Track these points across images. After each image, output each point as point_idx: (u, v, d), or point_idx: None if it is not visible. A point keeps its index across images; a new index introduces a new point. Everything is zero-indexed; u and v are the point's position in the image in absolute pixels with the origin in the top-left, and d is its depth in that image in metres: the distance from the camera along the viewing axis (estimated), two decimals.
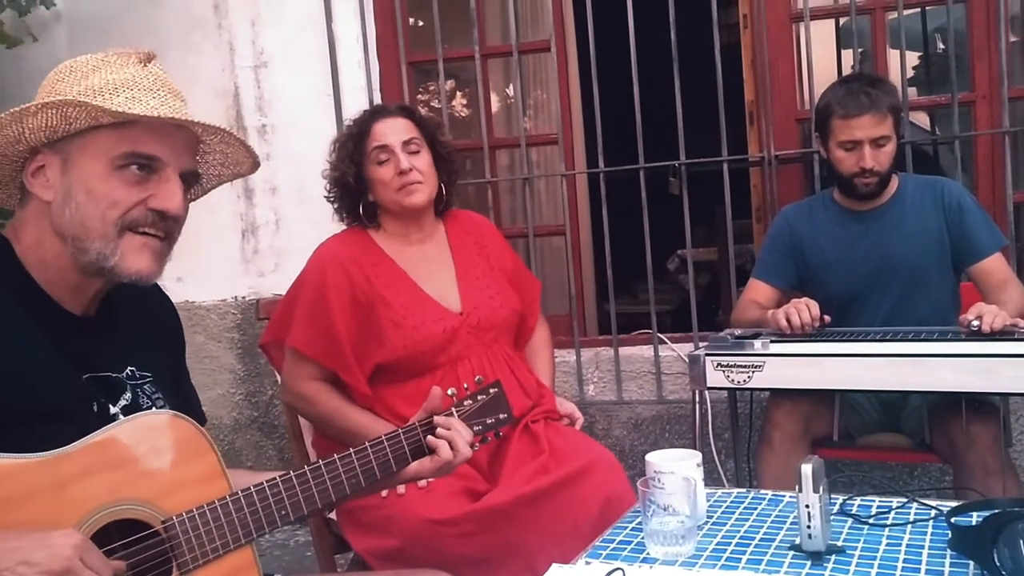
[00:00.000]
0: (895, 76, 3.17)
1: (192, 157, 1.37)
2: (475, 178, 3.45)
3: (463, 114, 4.43)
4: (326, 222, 3.36)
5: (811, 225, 2.59)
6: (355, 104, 3.42)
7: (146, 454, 1.23)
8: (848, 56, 4.52)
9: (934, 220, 2.47)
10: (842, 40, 4.26)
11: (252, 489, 1.31)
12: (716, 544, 1.51)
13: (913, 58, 4.60)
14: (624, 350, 3.31)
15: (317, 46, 3.45)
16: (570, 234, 3.38)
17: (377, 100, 3.44)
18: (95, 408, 1.28)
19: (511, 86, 3.92)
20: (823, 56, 4.01)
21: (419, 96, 3.73)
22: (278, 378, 2.28)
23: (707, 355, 2.32)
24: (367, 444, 1.47)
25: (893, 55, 3.20)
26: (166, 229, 1.31)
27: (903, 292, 2.47)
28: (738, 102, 3.29)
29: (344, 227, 2.30)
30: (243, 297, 3.62)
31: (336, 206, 2.27)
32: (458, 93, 4.54)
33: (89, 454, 1.18)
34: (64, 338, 1.27)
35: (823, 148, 2.52)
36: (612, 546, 1.53)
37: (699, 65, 3.19)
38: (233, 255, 3.60)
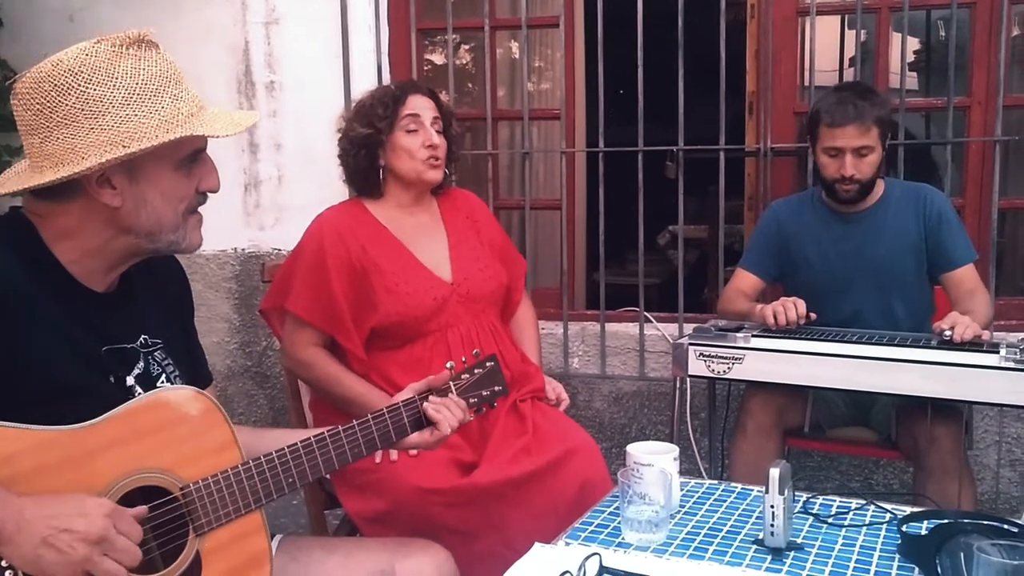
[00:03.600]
0: (895, 62, 3.24)
1: None
2: (476, 148, 3.51)
3: (467, 82, 4.46)
4: (328, 180, 3.44)
5: (798, 221, 2.68)
6: (363, 67, 3.48)
7: (166, 426, 1.33)
8: (851, 47, 4.58)
9: (914, 227, 2.57)
10: (846, 32, 4.31)
11: (262, 459, 1.41)
12: (686, 534, 1.63)
13: (914, 43, 4.66)
14: (610, 326, 3.42)
15: (329, 7, 3.48)
16: (566, 210, 3.45)
17: (385, 65, 3.48)
18: (112, 380, 1.37)
19: (517, 53, 3.98)
20: (826, 52, 4.07)
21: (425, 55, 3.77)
22: (278, 342, 2.37)
23: (691, 344, 2.43)
24: (369, 416, 1.56)
25: (895, 38, 3.23)
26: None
27: (879, 295, 2.57)
28: (738, 84, 3.35)
29: (348, 189, 2.37)
30: (243, 249, 3.70)
31: (348, 167, 2.30)
32: (464, 53, 4.57)
33: (115, 426, 1.28)
34: (85, 315, 1.36)
35: (812, 151, 2.61)
36: (590, 529, 1.65)
37: (703, 42, 3.25)
38: (235, 208, 3.67)
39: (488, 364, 1.74)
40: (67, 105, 1.27)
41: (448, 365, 1.70)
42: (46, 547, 1.14)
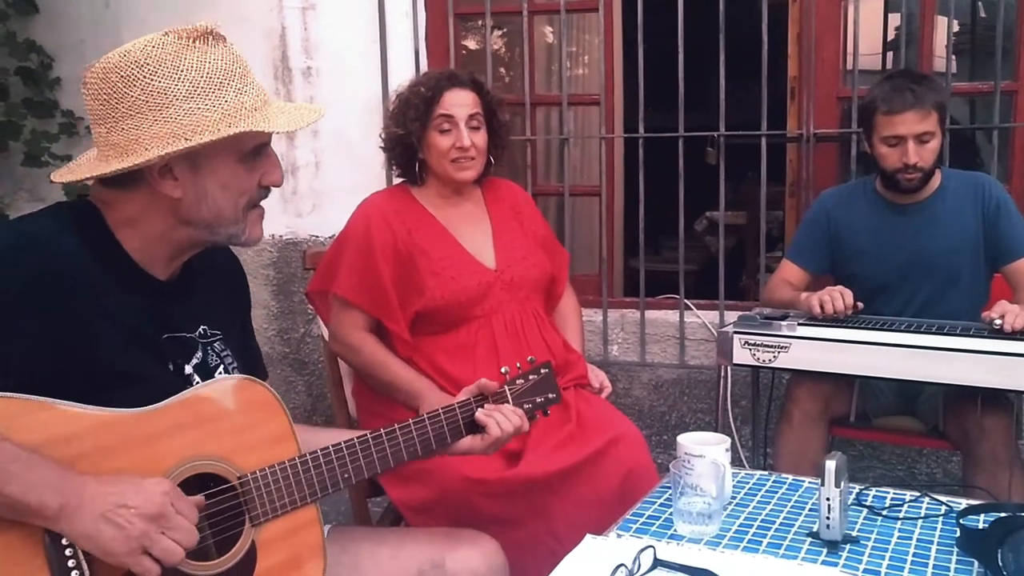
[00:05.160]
0: (940, 45, 3.17)
1: None
2: (515, 135, 3.48)
3: (500, 67, 4.43)
4: (365, 166, 3.44)
5: (849, 213, 2.63)
6: (401, 53, 3.47)
7: (226, 414, 1.35)
8: (893, 30, 4.51)
9: (972, 218, 2.51)
10: (888, 15, 4.24)
11: (319, 452, 1.42)
12: (739, 526, 1.61)
13: (955, 25, 4.57)
14: (650, 313, 3.39)
15: None
16: (605, 197, 3.43)
17: (423, 51, 3.47)
18: (171, 368, 1.39)
19: (551, 37, 3.95)
20: (869, 35, 4.00)
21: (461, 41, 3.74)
22: (320, 323, 2.38)
23: (735, 332, 2.41)
24: (425, 416, 1.56)
25: (940, 22, 3.17)
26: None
27: (935, 287, 2.53)
28: (780, 71, 3.30)
29: (395, 176, 2.40)
30: (280, 236, 3.71)
31: (388, 156, 2.36)
32: (497, 38, 4.54)
33: (176, 411, 1.29)
34: (148, 302, 1.38)
35: (867, 143, 2.55)
36: (641, 520, 1.64)
37: (744, 25, 3.20)
38: (273, 194, 3.64)
39: (543, 371, 1.74)
40: (132, 96, 1.28)
41: (503, 370, 1.70)
42: (105, 522, 1.15)
